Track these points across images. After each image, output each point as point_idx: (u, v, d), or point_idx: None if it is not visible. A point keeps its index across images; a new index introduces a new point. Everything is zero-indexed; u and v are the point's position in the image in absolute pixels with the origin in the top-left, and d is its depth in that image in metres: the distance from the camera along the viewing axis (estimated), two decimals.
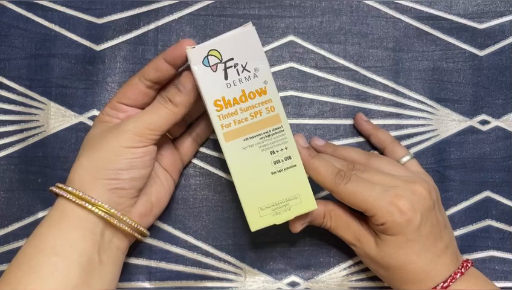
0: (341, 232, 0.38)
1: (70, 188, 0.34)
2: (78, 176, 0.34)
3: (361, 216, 0.36)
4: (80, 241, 0.33)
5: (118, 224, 0.34)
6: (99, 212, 0.33)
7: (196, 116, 0.41)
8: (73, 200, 0.33)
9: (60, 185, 0.34)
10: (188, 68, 0.33)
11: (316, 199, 0.35)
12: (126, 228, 0.35)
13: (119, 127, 0.34)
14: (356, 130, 0.43)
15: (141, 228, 0.36)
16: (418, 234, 0.34)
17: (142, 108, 0.37)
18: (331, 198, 0.37)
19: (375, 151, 0.39)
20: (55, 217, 0.34)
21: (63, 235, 0.33)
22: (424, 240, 0.34)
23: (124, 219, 0.34)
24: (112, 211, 0.34)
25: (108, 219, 0.34)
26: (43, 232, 0.33)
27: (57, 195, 0.35)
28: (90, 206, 0.33)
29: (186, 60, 0.33)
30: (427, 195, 0.35)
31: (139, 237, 0.36)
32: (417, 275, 0.35)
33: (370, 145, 0.43)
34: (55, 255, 0.32)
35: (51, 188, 0.35)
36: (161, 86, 0.37)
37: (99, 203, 0.33)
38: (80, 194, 0.33)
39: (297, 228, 0.37)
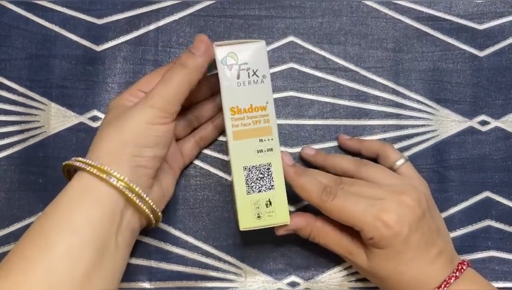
0: (331, 247, 0.38)
1: (94, 162, 0.33)
2: (100, 152, 0.33)
3: (353, 229, 0.36)
4: (100, 221, 0.32)
5: (138, 203, 0.34)
6: (124, 189, 0.33)
7: (204, 120, 0.41)
8: (98, 174, 0.32)
9: (82, 159, 0.34)
10: (202, 39, 0.36)
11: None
12: (145, 208, 0.34)
13: (139, 104, 0.34)
14: (354, 133, 0.43)
15: (157, 210, 0.36)
16: (407, 246, 0.34)
17: None
18: (320, 213, 0.37)
19: (365, 160, 0.39)
20: (75, 193, 0.33)
21: (84, 213, 0.32)
22: (415, 250, 0.34)
23: (146, 197, 0.34)
24: (135, 188, 0.33)
25: (131, 196, 0.33)
26: (62, 208, 0.33)
27: (76, 170, 0.34)
28: (115, 182, 0.32)
29: (214, 62, 0.36)
30: (415, 205, 0.35)
31: (153, 220, 0.36)
32: (409, 285, 0.35)
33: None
34: (73, 233, 0.32)
35: (67, 162, 0.34)
36: None
37: (124, 179, 0.33)
38: (106, 168, 0.32)
39: (280, 232, 0.38)
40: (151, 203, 0.35)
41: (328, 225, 0.38)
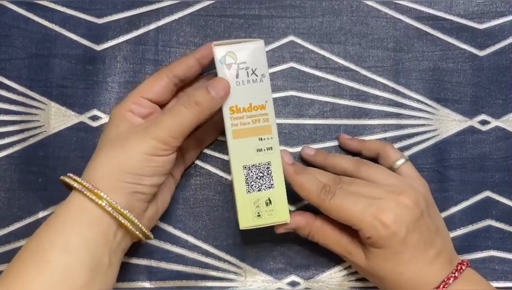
0: (330, 246, 0.38)
1: (90, 185, 0.33)
2: (98, 175, 0.33)
3: (352, 229, 0.36)
4: (94, 241, 0.33)
5: (130, 227, 0.34)
6: (116, 215, 0.33)
7: (205, 121, 0.41)
8: (93, 199, 0.33)
9: (79, 180, 0.34)
10: (224, 84, 0.35)
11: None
12: (137, 233, 0.35)
13: (143, 133, 0.34)
14: (354, 133, 0.43)
15: (148, 233, 0.36)
16: (404, 246, 0.34)
17: (162, 105, 0.37)
18: (320, 212, 0.37)
19: (364, 159, 0.39)
20: (71, 212, 0.33)
21: (79, 233, 0.33)
22: (413, 250, 0.34)
23: (139, 225, 0.34)
24: (128, 215, 0.33)
25: (123, 222, 0.33)
26: (58, 227, 0.33)
27: (72, 188, 0.34)
28: (110, 209, 0.33)
29: (212, 61, 0.36)
30: (413, 205, 0.35)
31: (144, 240, 0.36)
32: (408, 285, 0.35)
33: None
34: (69, 253, 0.32)
35: (64, 178, 0.34)
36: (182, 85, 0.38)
37: (119, 207, 0.33)
38: (102, 194, 0.33)
39: (280, 230, 0.38)
40: (143, 229, 0.35)
41: (327, 224, 0.38)
